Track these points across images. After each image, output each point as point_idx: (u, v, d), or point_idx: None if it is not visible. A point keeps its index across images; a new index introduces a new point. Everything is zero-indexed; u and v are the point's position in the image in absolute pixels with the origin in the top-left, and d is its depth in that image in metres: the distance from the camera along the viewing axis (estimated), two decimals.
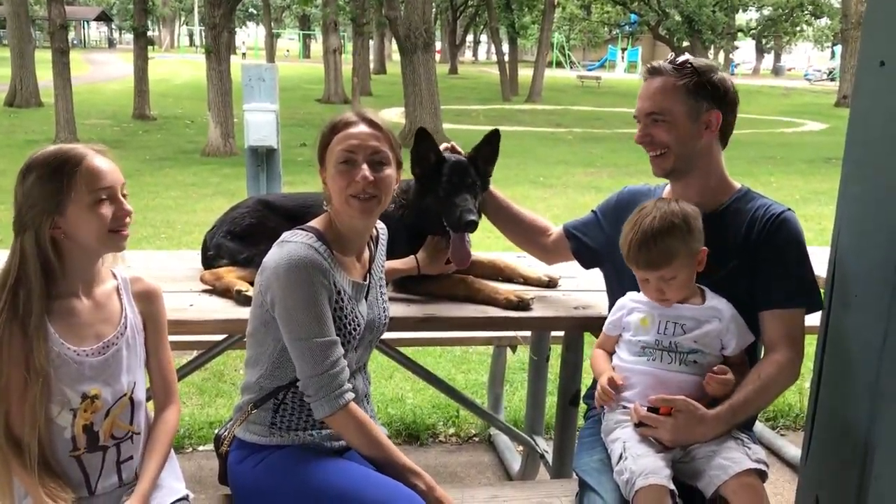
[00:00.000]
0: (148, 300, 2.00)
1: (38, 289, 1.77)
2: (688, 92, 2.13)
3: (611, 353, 2.22)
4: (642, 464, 1.91)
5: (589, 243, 2.50)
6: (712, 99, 2.13)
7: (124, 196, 1.86)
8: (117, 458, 1.90)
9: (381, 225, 2.25)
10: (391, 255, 2.49)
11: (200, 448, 3.65)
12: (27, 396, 1.75)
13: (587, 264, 2.57)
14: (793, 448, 3.68)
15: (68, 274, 1.84)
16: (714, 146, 2.18)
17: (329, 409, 1.93)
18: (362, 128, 1.99)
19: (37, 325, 1.76)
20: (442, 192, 2.47)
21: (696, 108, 2.13)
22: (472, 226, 2.43)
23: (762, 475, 1.96)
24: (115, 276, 1.96)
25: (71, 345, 1.82)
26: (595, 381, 2.43)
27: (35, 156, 1.83)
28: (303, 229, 2.00)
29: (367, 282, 2.10)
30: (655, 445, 1.99)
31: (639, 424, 2.00)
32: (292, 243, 1.93)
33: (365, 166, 1.95)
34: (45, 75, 18.27)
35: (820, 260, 2.22)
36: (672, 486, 1.88)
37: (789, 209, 2.17)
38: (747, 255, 2.12)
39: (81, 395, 1.82)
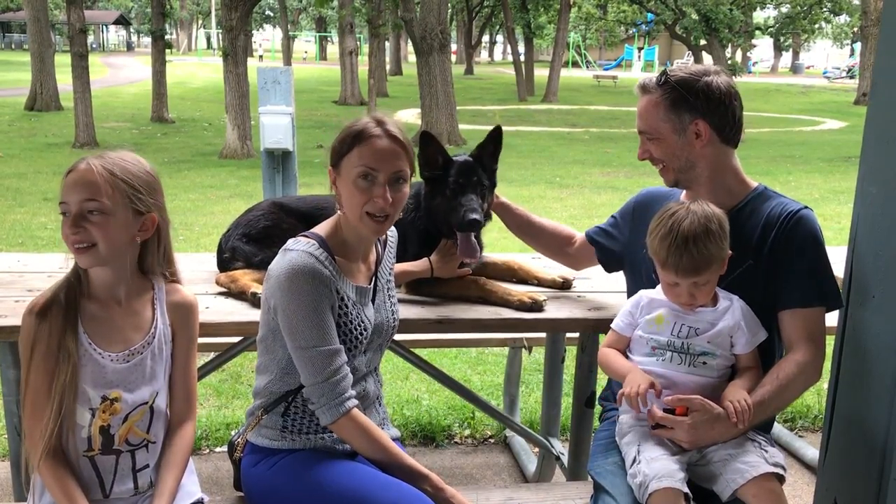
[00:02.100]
0: (182, 312, 1.98)
1: (70, 286, 1.84)
2: (668, 108, 2.13)
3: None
4: (656, 467, 1.90)
5: (611, 247, 2.50)
6: (694, 109, 2.11)
7: (91, 213, 1.77)
8: (133, 465, 1.90)
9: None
10: (404, 258, 2.49)
11: (217, 449, 3.67)
12: (53, 387, 1.78)
13: (610, 268, 2.58)
14: (811, 449, 3.65)
15: (93, 278, 1.87)
16: (716, 150, 2.16)
17: (331, 416, 1.94)
18: (386, 143, 1.95)
19: (69, 317, 1.81)
20: (448, 194, 2.47)
21: (680, 121, 2.13)
22: (475, 224, 2.42)
23: (780, 479, 1.94)
24: (154, 285, 1.96)
25: (97, 346, 1.84)
26: (610, 382, 2.42)
27: None
28: (306, 236, 2.01)
29: (373, 285, 2.10)
30: (670, 448, 1.97)
31: (656, 426, 1.98)
32: (294, 252, 1.94)
33: (386, 187, 1.94)
34: (64, 79, 18.47)
35: (838, 259, 2.20)
36: (686, 489, 1.87)
37: (806, 207, 2.14)
38: (763, 255, 2.11)
39: (102, 396, 1.84)
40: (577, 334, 2.72)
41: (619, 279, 2.55)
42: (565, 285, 2.79)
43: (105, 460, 1.87)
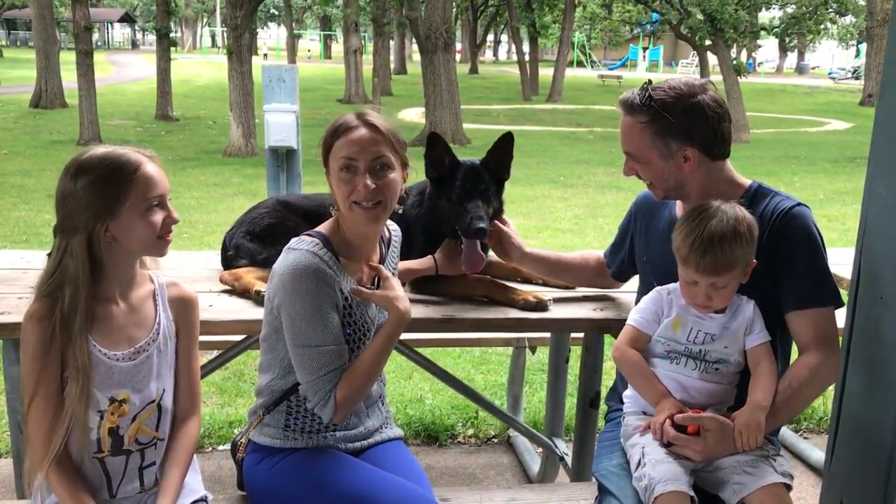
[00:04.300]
0: (183, 306, 1.98)
1: (85, 290, 1.77)
2: (654, 134, 2.05)
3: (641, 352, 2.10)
4: (661, 470, 1.89)
5: (624, 260, 2.50)
6: (682, 136, 2.04)
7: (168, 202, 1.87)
8: (140, 464, 1.90)
9: (394, 227, 2.24)
10: (408, 255, 2.48)
11: (220, 448, 3.66)
12: (63, 395, 1.75)
13: (626, 280, 2.59)
14: (817, 452, 3.63)
15: (109, 277, 1.84)
16: (706, 168, 2.09)
17: (329, 411, 1.94)
18: (363, 132, 1.95)
19: (81, 326, 1.76)
20: (455, 198, 2.45)
21: (667, 148, 2.05)
22: (481, 233, 2.42)
23: (788, 487, 1.93)
24: (152, 280, 1.94)
25: (103, 347, 1.82)
26: (615, 383, 2.40)
27: (86, 158, 1.79)
28: (310, 235, 2.00)
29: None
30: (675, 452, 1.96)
31: (668, 444, 1.95)
32: (297, 251, 1.93)
33: (367, 174, 1.93)
34: (69, 77, 18.49)
35: (844, 261, 2.18)
36: (692, 493, 1.86)
37: (799, 203, 2.09)
38: (760, 257, 2.05)
39: (110, 398, 1.82)
40: (581, 334, 2.71)
41: None
42: (570, 285, 2.77)
43: (115, 461, 1.86)
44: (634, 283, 2.50)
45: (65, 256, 1.77)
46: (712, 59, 22.07)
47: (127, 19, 63.32)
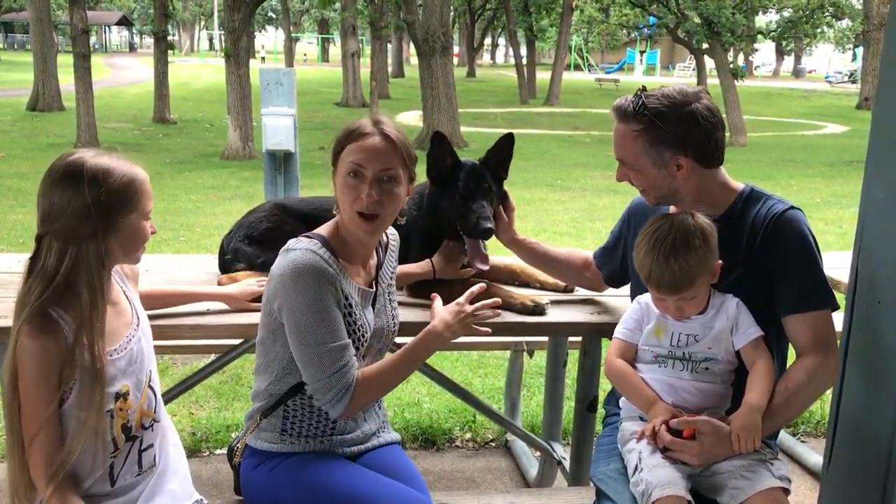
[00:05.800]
0: (134, 277, 2.07)
1: (101, 295, 1.78)
2: (647, 143, 2.04)
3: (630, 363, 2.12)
4: (658, 475, 1.89)
5: (616, 266, 2.49)
6: (675, 146, 2.03)
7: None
8: (140, 447, 1.91)
9: (391, 231, 2.23)
10: (406, 259, 2.48)
11: (217, 452, 3.66)
12: (86, 402, 1.74)
13: (619, 285, 2.57)
14: (814, 455, 3.63)
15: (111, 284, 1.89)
16: (699, 176, 2.08)
17: (342, 407, 1.93)
18: (377, 140, 1.95)
19: (101, 327, 1.77)
20: (458, 198, 2.45)
21: (660, 157, 2.05)
22: (489, 233, 2.43)
23: (786, 491, 1.93)
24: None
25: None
26: (614, 387, 2.40)
27: (101, 164, 1.78)
28: (308, 236, 2.00)
29: (374, 289, 2.09)
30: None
31: (665, 450, 1.95)
32: (297, 251, 1.93)
33: (372, 184, 1.93)
34: (67, 79, 18.47)
35: (842, 264, 2.18)
36: (689, 497, 1.86)
37: (793, 207, 2.08)
38: (754, 261, 2.05)
39: (115, 395, 1.83)
40: (579, 338, 2.71)
41: None
42: (568, 289, 2.77)
43: (121, 451, 1.87)
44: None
45: (76, 263, 1.75)
46: (709, 62, 22.12)
47: (124, 22, 63.23)
